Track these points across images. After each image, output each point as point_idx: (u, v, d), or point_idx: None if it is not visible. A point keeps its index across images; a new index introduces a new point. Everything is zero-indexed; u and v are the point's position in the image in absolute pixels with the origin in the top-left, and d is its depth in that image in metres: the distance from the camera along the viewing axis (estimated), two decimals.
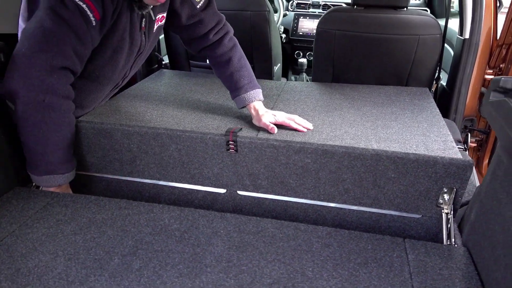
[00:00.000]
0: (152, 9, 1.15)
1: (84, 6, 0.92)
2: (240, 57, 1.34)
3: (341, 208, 0.97)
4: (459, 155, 1.13)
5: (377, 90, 1.65)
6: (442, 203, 0.88)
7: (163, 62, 2.19)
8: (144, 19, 1.16)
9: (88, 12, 0.93)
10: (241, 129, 0.96)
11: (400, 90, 1.65)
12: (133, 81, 1.94)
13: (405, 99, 1.56)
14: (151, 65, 2.14)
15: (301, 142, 0.88)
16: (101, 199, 0.92)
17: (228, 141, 0.91)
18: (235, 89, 1.33)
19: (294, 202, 0.99)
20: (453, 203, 0.88)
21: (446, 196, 0.87)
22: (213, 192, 1.02)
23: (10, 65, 0.92)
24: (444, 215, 0.88)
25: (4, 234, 0.80)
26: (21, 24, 1.11)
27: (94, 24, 0.96)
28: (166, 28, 1.36)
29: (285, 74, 2.86)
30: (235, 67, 1.32)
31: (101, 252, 0.76)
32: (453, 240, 0.84)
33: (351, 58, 1.81)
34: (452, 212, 0.88)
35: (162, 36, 2.28)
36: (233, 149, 0.92)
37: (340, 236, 0.81)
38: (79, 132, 0.98)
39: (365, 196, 0.91)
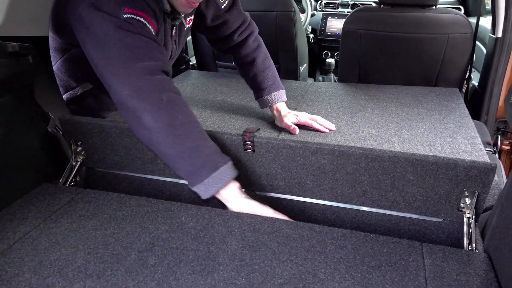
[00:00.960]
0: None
1: (142, 19, 0.94)
2: (264, 58, 1.34)
3: (359, 210, 0.95)
4: (486, 158, 1.09)
5: (404, 90, 1.62)
6: (463, 207, 0.86)
7: (191, 63, 2.22)
8: (174, 28, 1.18)
9: (148, 24, 0.96)
10: (258, 129, 0.97)
11: (428, 90, 1.61)
12: None
13: (433, 99, 1.52)
14: (179, 66, 2.18)
15: (317, 143, 0.87)
16: (122, 197, 0.94)
17: (245, 141, 0.92)
18: (259, 90, 1.34)
19: (312, 203, 0.98)
20: (475, 208, 0.85)
21: (467, 200, 0.85)
22: None
23: (113, 89, 0.89)
24: (465, 220, 0.86)
25: (30, 228, 0.84)
26: (53, 35, 1.16)
27: (154, 34, 0.99)
28: (192, 29, 1.38)
29: (312, 74, 2.85)
30: (259, 68, 1.32)
31: (119, 248, 0.78)
32: (474, 245, 0.82)
33: (377, 58, 1.78)
34: (474, 216, 0.85)
35: (189, 38, 2.32)
36: (250, 149, 0.93)
37: (355, 238, 0.80)
38: (103, 131, 1.01)
39: (383, 198, 0.90)
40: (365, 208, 0.95)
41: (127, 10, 0.92)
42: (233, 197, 0.90)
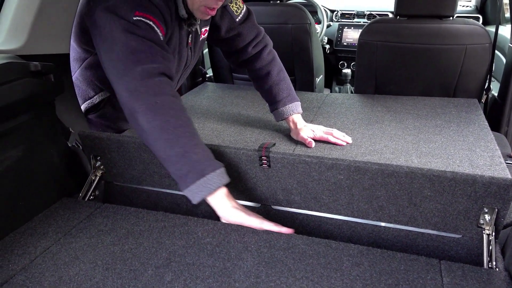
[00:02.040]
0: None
1: (151, 22, 0.97)
2: (279, 71, 1.35)
3: (376, 226, 0.95)
4: (506, 171, 1.07)
5: (422, 101, 1.61)
6: (483, 224, 0.84)
7: (207, 75, 2.25)
8: (190, 35, 1.20)
9: (156, 28, 0.99)
10: (274, 144, 0.97)
11: (446, 101, 1.60)
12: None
13: (451, 111, 1.51)
14: (196, 78, 2.20)
15: (333, 158, 0.87)
16: (140, 211, 0.96)
17: (261, 156, 0.92)
18: (274, 102, 1.35)
19: (328, 218, 0.98)
20: (494, 224, 0.83)
21: (487, 217, 0.83)
22: (248, 206, 1.03)
23: (116, 90, 0.94)
24: (485, 237, 0.84)
25: (50, 243, 0.86)
26: (73, 44, 1.19)
27: (162, 39, 1.02)
28: (207, 41, 1.40)
29: (329, 85, 2.85)
30: (273, 81, 1.33)
31: (136, 263, 0.79)
32: (494, 263, 0.80)
33: (394, 70, 1.77)
34: (494, 233, 0.84)
35: (206, 50, 2.35)
36: (265, 164, 0.93)
37: (372, 255, 0.80)
38: (121, 146, 1.03)
39: (400, 214, 0.89)
40: (382, 224, 0.94)
41: (137, 13, 0.96)
42: (221, 205, 0.90)
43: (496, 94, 1.84)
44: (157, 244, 0.84)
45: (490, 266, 0.81)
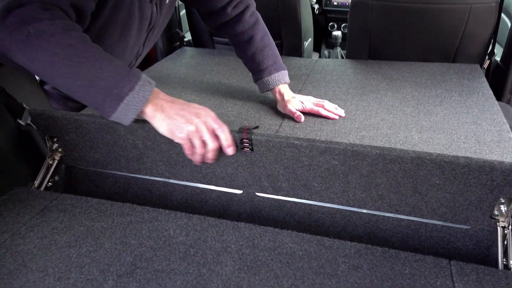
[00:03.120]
0: None
1: None
2: (263, 35, 1.19)
3: (374, 215, 0.83)
4: None
5: (419, 68, 1.47)
6: (498, 215, 0.73)
7: (185, 39, 2.06)
8: None
9: None
10: (257, 127, 0.84)
11: (446, 67, 1.46)
12: (152, 61, 1.84)
13: (452, 78, 1.38)
14: (173, 43, 2.02)
15: (327, 141, 0.74)
16: (103, 203, 0.83)
17: (242, 139, 0.79)
18: (258, 71, 1.20)
19: (320, 206, 0.86)
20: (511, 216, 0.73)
21: (503, 208, 0.72)
22: (228, 192, 0.91)
23: None
24: (499, 229, 0.73)
25: None
26: None
27: None
28: (181, 0, 1.22)
29: (317, 49, 2.67)
30: (257, 47, 1.18)
31: (95, 271, 0.67)
32: (510, 261, 0.70)
33: (390, 32, 1.61)
34: (510, 225, 0.73)
35: (183, 12, 2.15)
36: (247, 147, 0.80)
37: (371, 256, 0.68)
38: (80, 126, 0.88)
39: (402, 203, 0.78)
40: (381, 213, 0.83)
41: None
42: (155, 122, 0.78)
43: (498, 59, 1.71)
44: (120, 246, 0.72)
45: (505, 262, 0.71)
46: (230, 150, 0.80)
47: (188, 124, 0.77)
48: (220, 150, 0.82)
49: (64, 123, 0.89)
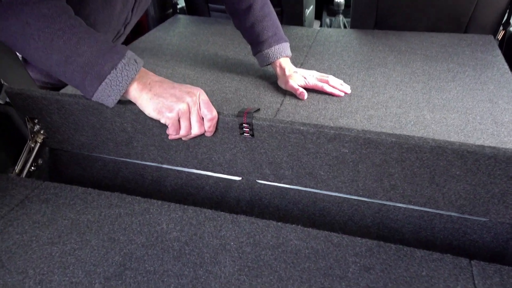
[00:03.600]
0: None
1: None
2: (263, 4, 1.09)
3: (384, 204, 0.77)
4: None
5: (430, 39, 1.37)
6: None
7: (178, 6, 1.94)
8: None
9: None
10: (258, 109, 0.76)
11: (458, 38, 1.37)
12: (144, 29, 1.73)
13: (464, 51, 1.29)
14: (165, 10, 1.89)
15: (336, 128, 0.67)
16: (89, 193, 0.75)
17: (242, 123, 0.71)
18: (257, 43, 1.10)
19: (326, 194, 0.79)
20: None
21: None
22: (226, 179, 0.84)
23: None
24: None
25: None
26: None
27: None
28: None
29: (318, 16, 2.54)
30: (256, 17, 1.08)
31: (80, 273, 0.60)
32: None
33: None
34: None
35: None
36: (248, 133, 0.72)
37: (384, 254, 0.62)
38: (62, 107, 0.80)
39: (417, 194, 0.71)
40: (392, 203, 0.76)
41: None
42: (140, 103, 0.71)
43: None
44: (108, 243, 0.65)
45: None
46: (207, 134, 0.75)
47: (179, 103, 0.69)
48: (216, 136, 0.74)
49: (44, 103, 0.81)
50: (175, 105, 0.69)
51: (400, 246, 0.63)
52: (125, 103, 0.75)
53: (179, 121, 0.71)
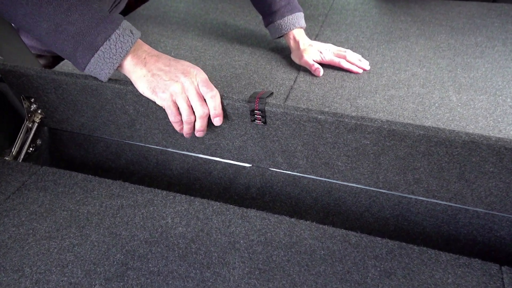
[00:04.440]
0: None
1: None
2: None
3: (405, 197, 0.72)
4: None
5: (455, 8, 1.27)
6: None
7: None
8: None
9: None
10: (272, 93, 0.69)
11: (487, 8, 1.27)
12: None
13: (493, 22, 1.19)
14: None
15: (357, 117, 0.60)
16: (90, 180, 0.71)
17: (254, 110, 0.65)
18: (269, 13, 1.02)
19: (342, 184, 0.74)
20: None
21: None
22: (235, 164, 0.79)
23: None
24: None
25: None
26: None
27: None
28: None
29: None
30: None
31: (79, 272, 0.56)
32: None
33: None
34: None
35: None
36: (260, 120, 0.66)
37: (406, 258, 0.58)
38: (59, 87, 0.74)
39: (443, 189, 0.65)
40: (413, 196, 0.71)
41: None
42: (135, 79, 0.66)
43: None
44: (109, 238, 0.61)
45: None
46: (217, 121, 0.67)
47: (172, 82, 0.63)
48: (225, 122, 0.68)
49: (40, 82, 0.75)
50: (169, 85, 0.63)
51: (424, 249, 0.58)
52: (126, 84, 0.69)
53: (176, 104, 0.65)
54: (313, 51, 1.00)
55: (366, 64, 1.01)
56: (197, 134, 0.68)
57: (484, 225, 0.70)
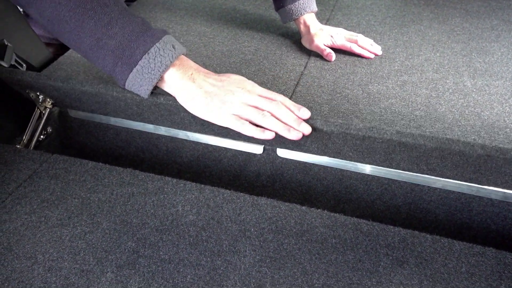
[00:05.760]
0: None
1: None
2: None
3: (417, 185, 0.71)
4: None
5: None
6: None
7: None
8: None
9: None
10: None
11: None
12: None
13: (510, 5, 1.16)
14: None
15: (365, 129, 0.59)
16: (100, 168, 0.71)
17: None
18: None
19: (353, 172, 0.73)
20: None
21: None
22: (246, 152, 0.78)
23: None
24: None
25: None
26: None
27: None
28: None
29: None
30: None
31: (91, 260, 0.57)
32: None
33: None
34: None
35: None
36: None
37: (419, 246, 0.57)
38: (60, 90, 0.74)
39: (457, 176, 0.64)
40: (427, 184, 0.70)
41: None
42: (178, 95, 0.65)
43: None
44: (120, 226, 0.61)
45: None
46: (302, 113, 0.64)
47: (229, 95, 0.62)
48: None
49: (38, 87, 0.75)
50: (226, 100, 0.62)
51: (437, 237, 0.58)
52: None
53: (241, 118, 0.63)
54: (324, 35, 0.98)
55: (378, 49, 0.99)
56: (304, 130, 0.63)
57: (498, 213, 0.69)
